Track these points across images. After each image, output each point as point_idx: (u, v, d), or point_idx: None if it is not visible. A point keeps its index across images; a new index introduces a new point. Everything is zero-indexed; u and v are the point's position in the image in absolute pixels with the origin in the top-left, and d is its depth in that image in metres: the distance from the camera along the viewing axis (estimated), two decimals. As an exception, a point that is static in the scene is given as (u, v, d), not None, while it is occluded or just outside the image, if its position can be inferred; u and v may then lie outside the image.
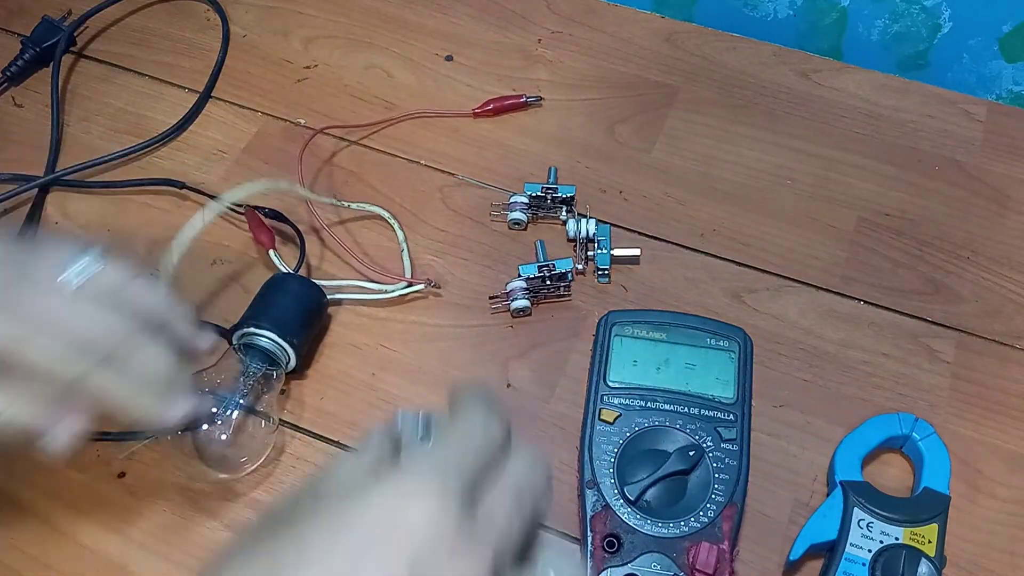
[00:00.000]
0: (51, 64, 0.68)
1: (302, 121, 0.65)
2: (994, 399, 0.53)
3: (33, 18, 0.71)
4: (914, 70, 0.73)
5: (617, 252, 0.58)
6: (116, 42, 0.71)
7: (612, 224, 0.60)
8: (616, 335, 0.51)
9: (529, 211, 0.59)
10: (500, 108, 0.66)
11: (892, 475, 0.50)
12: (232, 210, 0.59)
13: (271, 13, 0.73)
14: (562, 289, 0.56)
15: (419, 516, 0.28)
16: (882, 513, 0.46)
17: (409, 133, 0.65)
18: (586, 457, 0.48)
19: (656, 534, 0.45)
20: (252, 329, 0.50)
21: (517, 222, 0.59)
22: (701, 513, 0.45)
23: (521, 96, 0.66)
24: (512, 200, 0.59)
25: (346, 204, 0.60)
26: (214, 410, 0.48)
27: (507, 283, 0.55)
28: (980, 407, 0.52)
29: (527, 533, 0.31)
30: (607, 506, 0.46)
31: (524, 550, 0.31)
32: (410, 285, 0.56)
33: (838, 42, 0.74)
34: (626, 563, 0.44)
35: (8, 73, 0.68)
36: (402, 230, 0.59)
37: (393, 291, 0.56)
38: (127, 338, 0.41)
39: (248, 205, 0.59)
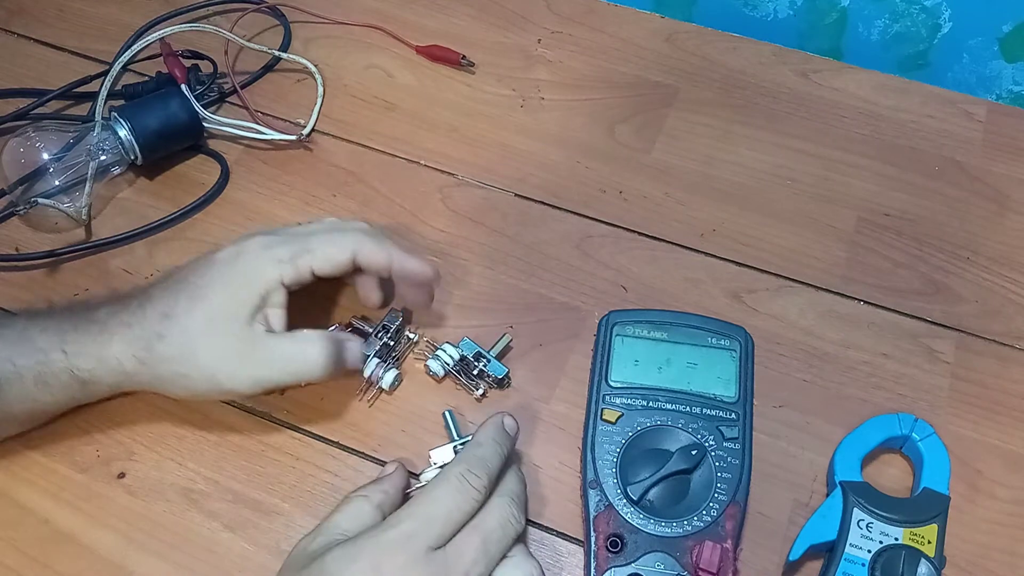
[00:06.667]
0: None
1: (301, 121, 0.65)
2: (994, 399, 0.53)
3: (33, 18, 0.71)
4: (914, 70, 0.73)
5: (495, 350, 0.53)
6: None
7: (612, 224, 0.60)
8: (617, 335, 0.51)
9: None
10: (437, 56, 0.69)
11: (892, 475, 0.50)
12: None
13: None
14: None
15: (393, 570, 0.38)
16: (882, 513, 0.46)
17: (409, 133, 0.65)
18: (588, 457, 0.48)
19: (659, 533, 0.45)
20: (116, 115, 0.59)
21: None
22: (704, 512, 0.45)
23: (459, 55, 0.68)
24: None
25: (276, 54, 0.67)
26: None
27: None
28: (980, 407, 0.52)
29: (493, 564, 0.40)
30: (610, 506, 0.46)
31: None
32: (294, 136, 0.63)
33: (838, 42, 0.74)
34: (630, 563, 0.44)
35: None
36: (323, 86, 0.66)
37: (269, 135, 0.63)
38: None
39: (163, 39, 0.64)
